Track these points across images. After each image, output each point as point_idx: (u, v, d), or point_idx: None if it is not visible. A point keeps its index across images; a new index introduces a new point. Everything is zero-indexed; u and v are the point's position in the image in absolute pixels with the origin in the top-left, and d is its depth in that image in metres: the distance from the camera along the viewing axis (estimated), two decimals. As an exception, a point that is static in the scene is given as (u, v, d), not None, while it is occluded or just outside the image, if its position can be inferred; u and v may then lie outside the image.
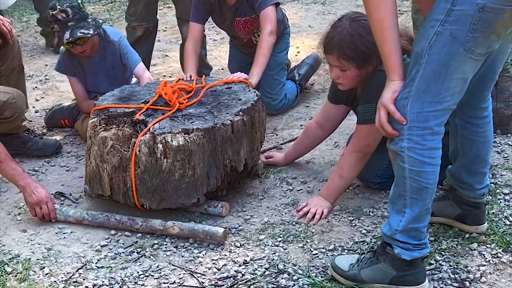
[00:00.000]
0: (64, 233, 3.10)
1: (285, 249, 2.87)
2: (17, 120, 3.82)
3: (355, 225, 3.03)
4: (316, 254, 2.83)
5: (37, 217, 3.22)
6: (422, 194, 2.39)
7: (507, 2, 2.18)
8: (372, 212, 3.12)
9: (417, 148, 2.34)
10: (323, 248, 2.87)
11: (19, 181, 3.26)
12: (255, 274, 2.71)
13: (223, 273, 2.74)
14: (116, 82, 4.06)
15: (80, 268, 2.82)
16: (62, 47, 4.09)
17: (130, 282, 2.72)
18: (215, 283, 2.68)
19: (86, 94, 4.19)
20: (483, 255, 2.75)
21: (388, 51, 2.34)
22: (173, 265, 2.82)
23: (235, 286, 2.66)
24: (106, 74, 4.15)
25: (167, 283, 2.71)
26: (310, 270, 2.71)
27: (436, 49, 2.25)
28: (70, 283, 2.73)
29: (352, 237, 2.94)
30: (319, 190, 3.26)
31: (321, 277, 2.67)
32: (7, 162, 3.29)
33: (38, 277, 2.78)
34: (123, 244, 2.99)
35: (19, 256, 2.93)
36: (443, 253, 2.76)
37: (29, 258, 2.90)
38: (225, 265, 2.79)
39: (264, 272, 2.72)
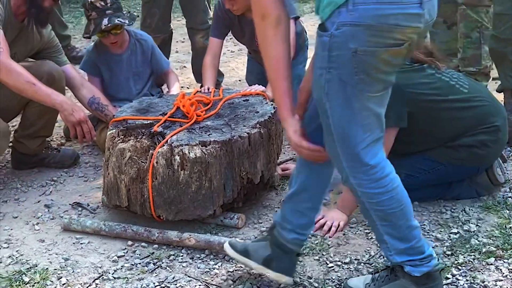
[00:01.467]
0: (81, 243, 3.12)
1: (300, 261, 2.86)
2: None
3: (371, 238, 3.02)
4: (332, 267, 2.83)
5: (78, 138, 3.41)
6: (392, 219, 2.36)
7: (377, 44, 2.10)
8: (389, 226, 3.11)
9: (365, 183, 2.32)
10: (339, 261, 2.87)
11: (56, 99, 3.27)
12: (271, 286, 2.71)
13: (238, 285, 2.74)
14: (140, 82, 4.25)
15: (97, 279, 2.83)
16: (89, 46, 4.20)
17: (146, 293, 2.73)
18: (230, 295, 2.69)
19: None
20: (500, 269, 2.73)
21: (282, 90, 2.32)
22: (189, 277, 2.83)
23: (251, 298, 2.67)
24: (133, 71, 4.27)
25: (183, 294, 2.72)
26: (326, 283, 2.71)
27: (333, 95, 2.20)
28: (87, 293, 2.76)
29: (368, 250, 2.94)
30: (335, 202, 3.26)
31: (337, 290, 2.67)
32: (40, 83, 3.29)
33: (55, 287, 2.80)
34: (139, 255, 3.00)
35: (36, 266, 2.95)
36: (459, 267, 2.75)
37: (47, 268, 2.92)
38: (240, 277, 2.80)
39: (280, 284, 2.72)
